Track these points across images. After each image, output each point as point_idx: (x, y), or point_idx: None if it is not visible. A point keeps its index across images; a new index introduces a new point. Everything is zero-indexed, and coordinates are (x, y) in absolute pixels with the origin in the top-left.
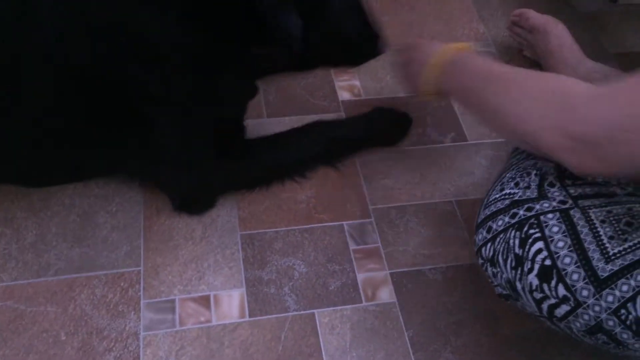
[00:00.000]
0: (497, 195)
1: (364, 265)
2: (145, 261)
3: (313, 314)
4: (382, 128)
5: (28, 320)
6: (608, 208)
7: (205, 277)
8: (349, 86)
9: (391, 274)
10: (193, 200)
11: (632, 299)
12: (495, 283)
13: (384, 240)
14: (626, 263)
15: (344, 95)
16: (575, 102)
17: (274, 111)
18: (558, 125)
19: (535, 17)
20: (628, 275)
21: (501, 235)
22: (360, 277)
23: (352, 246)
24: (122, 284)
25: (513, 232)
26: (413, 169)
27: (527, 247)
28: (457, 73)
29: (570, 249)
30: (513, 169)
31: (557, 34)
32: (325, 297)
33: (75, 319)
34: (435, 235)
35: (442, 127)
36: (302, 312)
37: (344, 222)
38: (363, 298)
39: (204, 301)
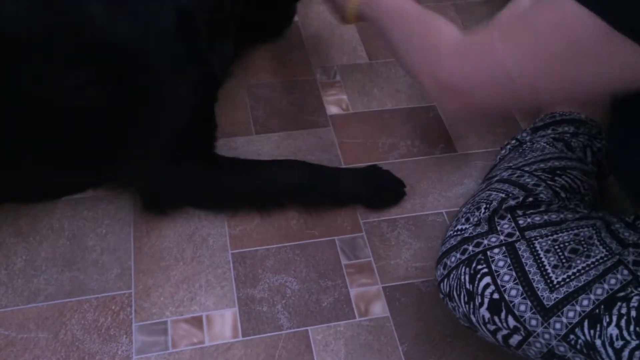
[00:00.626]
0: (451, 232)
1: (356, 280)
2: (136, 283)
3: (306, 331)
4: (370, 189)
5: (19, 348)
6: (554, 237)
7: (197, 298)
8: (337, 100)
9: (384, 288)
10: (158, 199)
11: (579, 324)
12: (457, 316)
13: (375, 254)
14: (570, 290)
15: (332, 110)
16: (441, 53)
17: (262, 128)
18: (430, 72)
19: None
20: (573, 302)
21: (454, 272)
22: (353, 292)
23: (344, 261)
24: (113, 307)
25: (463, 268)
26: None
27: (476, 282)
28: (373, 6)
29: (516, 281)
30: (469, 203)
31: None
32: (318, 313)
33: (67, 345)
34: (426, 247)
35: (431, 139)
36: (295, 329)
37: (335, 237)
38: (356, 313)
39: (197, 322)
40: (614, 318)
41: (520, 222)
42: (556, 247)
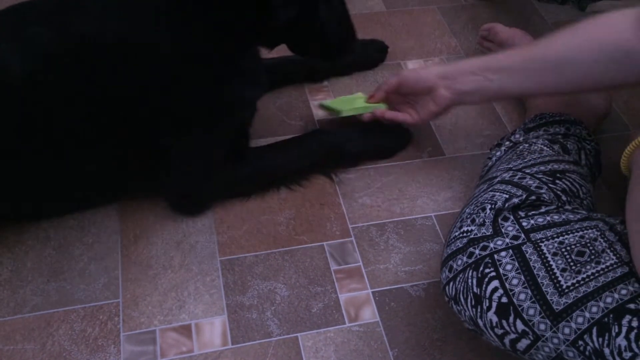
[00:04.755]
0: (457, 233)
1: (345, 285)
2: (123, 292)
3: (296, 337)
4: (379, 141)
5: None
6: (560, 239)
7: (185, 306)
8: None
9: (373, 292)
10: (192, 202)
11: (588, 330)
12: (462, 319)
13: (365, 259)
14: (579, 295)
15: (320, 114)
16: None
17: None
18: None
19: (503, 31)
20: (582, 308)
21: (460, 275)
22: (343, 297)
23: (334, 266)
24: (100, 317)
25: (471, 271)
26: (391, 186)
27: (484, 286)
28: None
29: (525, 285)
30: (472, 204)
31: None
32: (308, 319)
33: (54, 356)
34: (415, 251)
35: (419, 142)
36: (285, 336)
37: (325, 243)
38: (346, 319)
39: (185, 330)
40: (624, 329)
41: (524, 223)
42: (563, 250)
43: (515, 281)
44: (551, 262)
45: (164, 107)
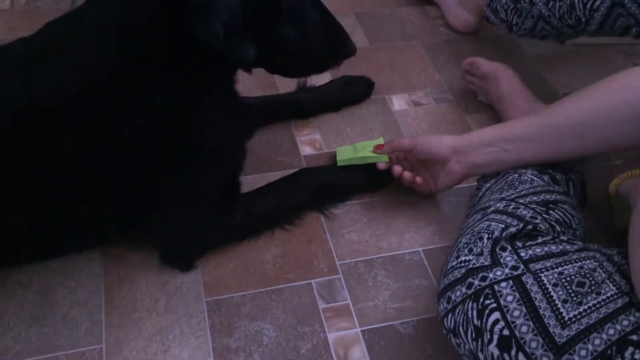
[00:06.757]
0: (454, 263)
1: (334, 324)
2: (107, 337)
3: None
4: (366, 175)
5: None
6: (559, 269)
7: (171, 350)
8: (310, 140)
9: (362, 331)
10: (183, 255)
11: None
12: (460, 353)
13: (353, 297)
14: (582, 327)
15: (306, 150)
16: None
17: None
18: None
19: (485, 65)
20: (585, 340)
21: (460, 307)
22: (331, 337)
23: (322, 305)
24: None
25: (470, 303)
26: (378, 220)
27: (485, 318)
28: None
29: (526, 317)
30: (468, 234)
31: (508, 80)
32: None
33: None
34: (404, 287)
35: None
36: None
37: (312, 280)
38: (335, 359)
39: None
40: None
41: (522, 254)
42: (563, 280)
43: (516, 313)
44: (552, 293)
45: (129, 158)
